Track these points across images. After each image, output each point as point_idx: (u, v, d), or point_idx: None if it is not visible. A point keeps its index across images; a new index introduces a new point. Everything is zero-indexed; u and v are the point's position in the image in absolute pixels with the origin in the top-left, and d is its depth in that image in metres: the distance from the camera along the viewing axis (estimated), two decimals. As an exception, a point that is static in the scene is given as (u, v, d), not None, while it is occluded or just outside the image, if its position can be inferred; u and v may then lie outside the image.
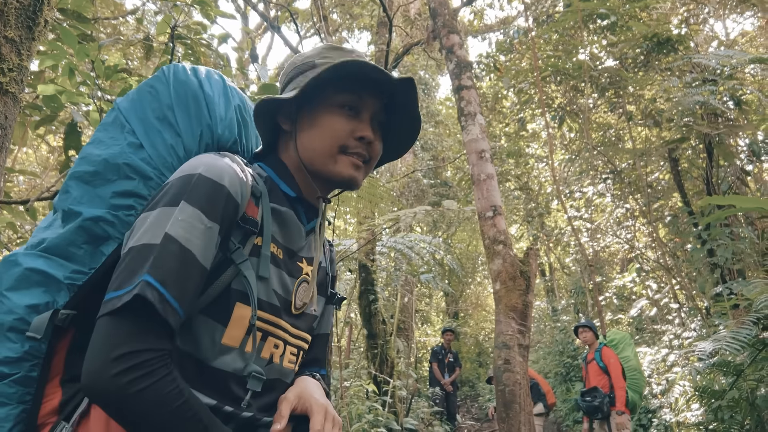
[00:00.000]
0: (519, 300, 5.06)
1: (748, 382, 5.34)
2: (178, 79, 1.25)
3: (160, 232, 1.02)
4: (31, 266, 1.10)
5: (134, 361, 0.93)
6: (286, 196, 1.26)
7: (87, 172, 1.16)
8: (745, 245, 7.83)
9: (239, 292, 1.11)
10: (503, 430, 4.85)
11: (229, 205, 1.09)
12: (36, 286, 1.09)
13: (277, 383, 1.24)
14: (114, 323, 0.96)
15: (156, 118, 1.20)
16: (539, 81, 9.63)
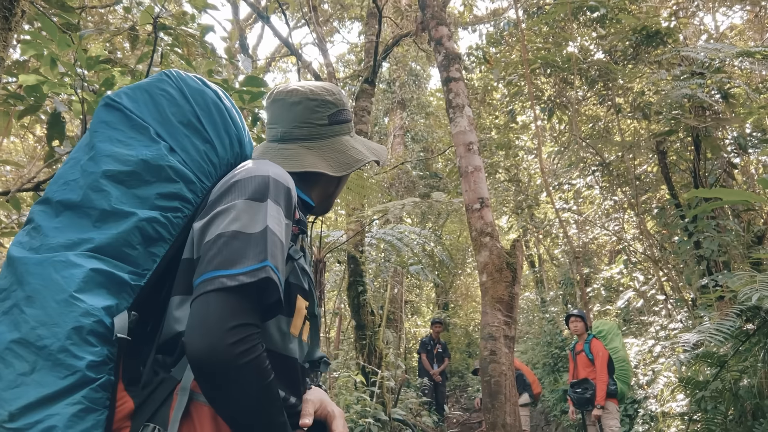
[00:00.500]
0: (505, 292, 5.08)
1: (731, 373, 5.40)
2: (191, 86, 1.29)
3: (260, 223, 1.10)
4: (94, 267, 1.07)
5: (246, 333, 1.01)
6: (305, 204, 1.43)
7: (122, 172, 1.16)
8: (731, 237, 7.89)
9: (297, 285, 1.23)
10: (489, 420, 4.89)
11: (292, 206, 1.23)
12: (101, 288, 1.07)
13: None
14: (227, 298, 1.01)
15: (180, 123, 1.24)
16: (528, 73, 9.64)
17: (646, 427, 7.37)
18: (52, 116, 3.12)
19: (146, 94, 1.25)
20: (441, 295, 20.77)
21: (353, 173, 5.95)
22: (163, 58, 3.21)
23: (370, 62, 8.87)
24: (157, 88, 1.27)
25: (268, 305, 1.09)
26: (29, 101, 3.18)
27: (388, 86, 18.04)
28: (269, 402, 1.04)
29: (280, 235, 1.12)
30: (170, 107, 1.24)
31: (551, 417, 11.46)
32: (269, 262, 1.05)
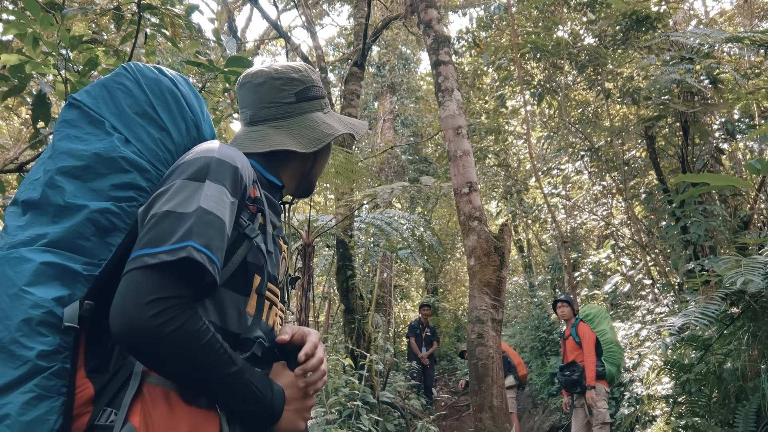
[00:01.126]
0: (493, 275, 5.10)
1: (715, 356, 5.46)
2: (148, 76, 1.31)
3: (193, 203, 1.10)
4: (45, 260, 1.10)
5: (166, 305, 1.02)
6: (271, 184, 1.42)
7: (76, 167, 1.18)
8: (718, 223, 7.95)
9: (254, 264, 1.23)
10: (476, 402, 4.93)
11: (241, 185, 1.22)
12: (54, 280, 1.10)
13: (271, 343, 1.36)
14: (147, 275, 1.04)
15: (135, 114, 1.26)
16: (518, 58, 9.61)
17: (632, 409, 7.45)
18: (37, 97, 3.08)
19: (104, 89, 1.28)
20: (430, 280, 20.84)
21: (342, 157, 5.94)
22: (149, 38, 3.17)
23: (359, 45, 8.81)
24: (114, 82, 1.29)
25: (205, 284, 1.10)
26: (13, 82, 3.14)
27: (378, 70, 17.96)
28: (210, 360, 1.06)
29: (218, 214, 1.11)
30: (126, 99, 1.27)
31: (538, 400, 11.57)
32: (193, 242, 1.05)
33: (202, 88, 2.82)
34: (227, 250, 1.16)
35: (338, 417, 6.36)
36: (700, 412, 5.40)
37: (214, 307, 1.17)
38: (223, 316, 1.18)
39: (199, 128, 1.36)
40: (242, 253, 1.21)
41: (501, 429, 4.79)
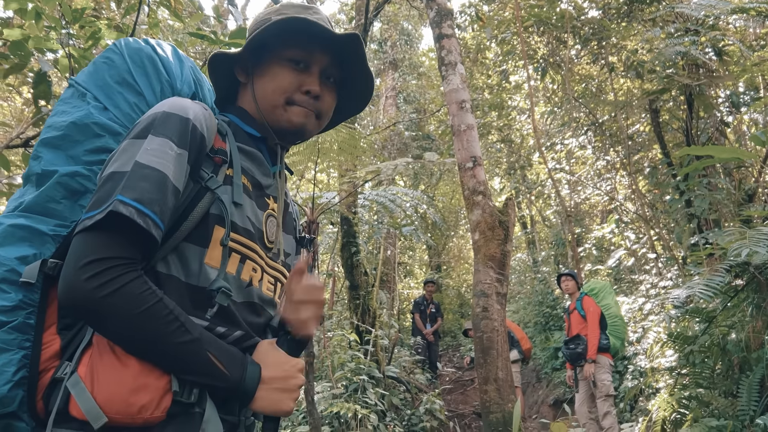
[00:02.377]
0: (497, 249, 5.11)
1: (719, 328, 5.48)
2: (131, 47, 1.36)
3: (130, 160, 1.10)
4: (13, 223, 1.16)
5: (102, 267, 1.01)
6: (251, 136, 1.36)
7: (55, 137, 1.24)
8: (722, 196, 7.92)
9: (216, 216, 1.19)
10: (481, 375, 4.96)
11: (195, 135, 1.18)
12: (21, 241, 1.15)
13: (261, 309, 1.31)
14: (84, 238, 1.04)
15: (115, 83, 1.30)
16: (521, 31, 9.52)
17: (635, 382, 7.51)
18: (38, 75, 3.07)
19: (93, 65, 1.34)
20: (434, 257, 20.89)
21: (346, 134, 5.91)
22: (150, 12, 3.15)
23: (361, 20, 8.73)
24: (102, 57, 1.35)
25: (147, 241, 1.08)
26: (14, 60, 3.12)
27: (380, 46, 17.82)
28: (154, 327, 1.03)
29: (156, 166, 1.09)
30: (108, 71, 1.31)
31: (542, 374, 11.64)
32: (120, 196, 1.04)
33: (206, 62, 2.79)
34: (188, 204, 1.16)
35: (344, 391, 6.43)
36: (704, 383, 5.43)
37: (178, 261, 1.15)
38: (186, 270, 1.15)
39: (174, 88, 1.37)
40: (204, 206, 1.18)
41: (506, 401, 4.83)
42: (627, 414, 7.64)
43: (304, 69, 1.33)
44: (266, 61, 1.34)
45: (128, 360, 1.05)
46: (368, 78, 1.44)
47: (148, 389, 1.04)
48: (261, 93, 1.34)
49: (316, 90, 1.33)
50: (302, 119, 1.33)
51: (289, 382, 1.18)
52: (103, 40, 2.75)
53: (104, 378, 1.04)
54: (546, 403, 10.25)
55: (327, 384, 6.62)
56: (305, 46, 1.32)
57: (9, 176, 3.92)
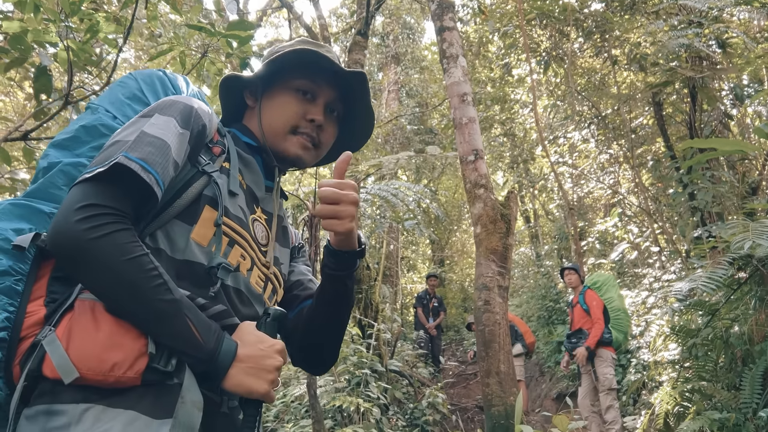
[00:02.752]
0: (499, 243, 5.10)
1: (722, 321, 5.46)
2: (144, 72, 1.47)
3: (136, 131, 1.17)
4: (13, 202, 1.21)
5: (95, 212, 1.04)
6: (248, 145, 1.43)
7: (64, 139, 1.30)
8: (726, 188, 7.89)
9: (209, 197, 1.24)
10: (483, 368, 4.96)
11: (197, 121, 1.26)
12: (20, 218, 1.20)
13: (247, 300, 1.31)
14: (82, 187, 1.08)
15: (126, 98, 1.39)
16: (524, 24, 9.48)
17: (638, 375, 7.50)
18: (38, 69, 3.07)
19: (109, 89, 1.43)
20: (437, 252, 20.88)
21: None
22: (150, 4, 3.14)
23: (362, 14, 8.71)
24: (118, 82, 1.44)
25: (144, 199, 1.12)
26: (14, 54, 3.12)
27: (382, 40, 17.77)
28: (136, 278, 1.04)
29: (161, 136, 1.16)
30: (121, 90, 1.40)
31: (545, 368, 11.65)
32: (126, 153, 1.09)
33: (204, 54, 2.79)
34: (183, 185, 1.21)
35: (347, 385, 6.43)
36: (707, 376, 5.42)
37: (165, 237, 1.18)
38: (173, 245, 1.18)
39: None
40: (199, 187, 1.23)
41: (508, 393, 4.82)
42: (630, 407, 7.64)
43: (311, 99, 1.41)
44: (275, 88, 1.42)
45: (105, 320, 1.06)
46: (369, 116, 1.53)
47: (123, 348, 1.05)
48: (267, 118, 1.41)
49: (320, 119, 1.40)
50: (299, 151, 1.40)
51: (264, 361, 1.15)
52: (101, 33, 2.75)
53: (79, 336, 1.05)
54: (549, 396, 10.26)
55: (329, 378, 6.63)
56: (313, 78, 1.40)
57: (11, 170, 3.92)
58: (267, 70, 1.40)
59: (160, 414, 1.06)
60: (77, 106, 3.07)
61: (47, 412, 1.04)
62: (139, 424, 1.04)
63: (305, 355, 1.51)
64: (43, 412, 1.04)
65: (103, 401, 1.04)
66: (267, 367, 1.15)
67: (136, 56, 15.19)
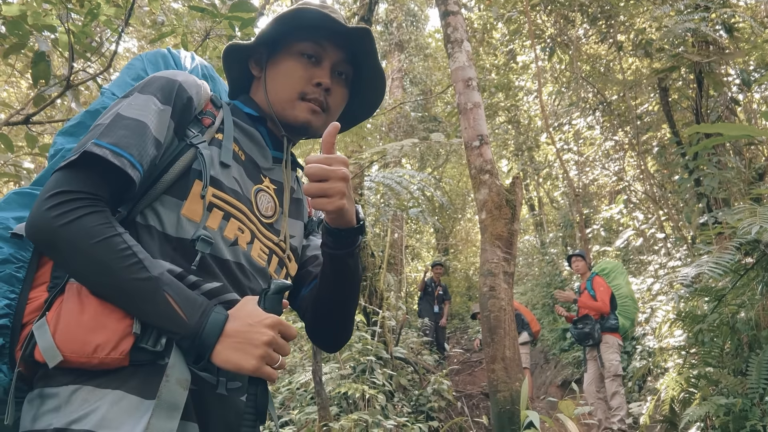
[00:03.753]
0: (504, 228, 5.07)
1: (729, 307, 5.43)
2: (150, 53, 1.48)
3: (113, 114, 1.16)
4: (17, 191, 1.24)
5: (63, 198, 1.05)
6: (249, 116, 1.39)
7: (71, 126, 1.32)
8: (732, 174, 7.84)
9: (197, 171, 1.20)
10: (488, 354, 4.95)
11: (181, 95, 1.23)
12: (23, 207, 1.22)
13: (250, 273, 1.28)
14: (55, 176, 1.09)
15: (132, 79, 1.40)
16: (528, 10, 9.41)
17: (644, 362, 7.49)
18: (36, 55, 3.04)
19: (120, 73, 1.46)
20: (441, 240, 20.86)
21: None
22: (151, -13, 3.10)
23: (366, 0, 8.65)
24: (127, 65, 1.46)
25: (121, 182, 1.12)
26: (12, 40, 3.09)
27: (386, 27, 17.67)
28: (108, 259, 1.03)
29: (136, 117, 1.15)
30: (128, 72, 1.43)
31: (550, 355, 11.66)
32: (96, 140, 1.09)
33: (207, 35, 2.76)
34: (171, 159, 1.20)
35: (352, 372, 6.44)
36: (713, 362, 5.40)
37: (155, 213, 1.17)
38: (163, 221, 1.17)
39: None
40: (186, 160, 1.20)
41: (514, 379, 4.81)
42: (635, 394, 7.64)
43: (316, 63, 1.35)
44: (279, 55, 1.36)
45: (90, 302, 1.06)
46: (379, 77, 1.45)
47: (106, 329, 1.04)
48: (272, 86, 1.36)
49: (327, 82, 1.33)
50: (307, 116, 1.34)
51: (251, 336, 1.08)
52: (102, 16, 2.72)
53: (65, 319, 1.05)
54: (554, 383, 10.27)
55: (335, 365, 6.64)
56: (317, 39, 1.34)
57: (15, 158, 3.90)
58: (269, 35, 1.34)
59: (147, 393, 1.05)
60: (76, 91, 3.05)
61: (40, 395, 1.06)
62: (126, 403, 1.03)
63: (316, 333, 1.48)
64: (37, 396, 1.06)
65: (91, 382, 1.04)
66: (254, 342, 1.08)
67: (139, 46, 15.13)
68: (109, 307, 1.05)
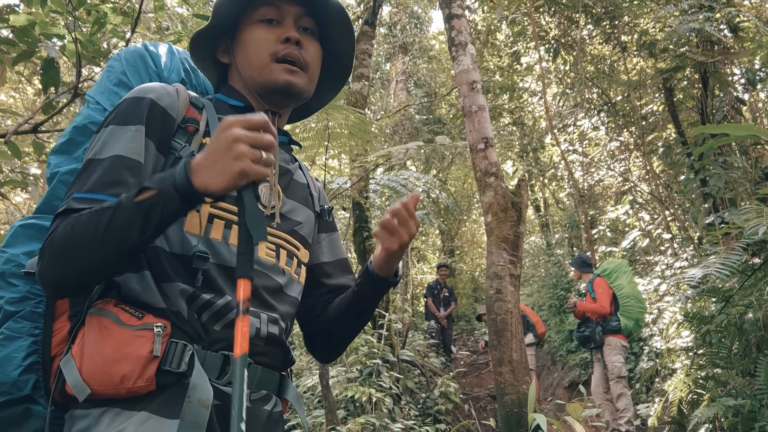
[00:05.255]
0: (510, 231, 5.07)
1: (736, 308, 5.41)
2: (128, 51, 1.46)
3: (86, 157, 1.17)
4: (23, 224, 1.26)
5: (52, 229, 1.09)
6: (234, 107, 1.34)
7: (62, 144, 1.32)
8: (738, 174, 7.82)
9: None
10: (495, 357, 4.95)
11: (154, 110, 1.20)
12: (30, 239, 1.24)
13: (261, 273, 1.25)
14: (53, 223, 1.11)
15: (113, 85, 1.38)
16: (532, 11, 9.41)
17: (651, 363, 7.46)
18: (45, 62, 3.06)
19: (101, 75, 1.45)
20: (447, 242, 20.83)
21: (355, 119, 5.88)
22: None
23: (369, 3, 8.67)
24: (107, 66, 1.45)
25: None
26: (21, 47, 3.11)
27: (389, 30, 17.68)
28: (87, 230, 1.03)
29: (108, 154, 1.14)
30: (108, 76, 1.40)
31: (557, 357, 11.64)
32: (76, 194, 1.11)
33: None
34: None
35: (359, 375, 6.44)
36: (721, 363, 5.38)
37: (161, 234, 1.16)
38: (169, 240, 1.16)
39: (161, 77, 1.42)
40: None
41: (521, 382, 4.81)
42: (643, 395, 7.61)
43: (278, 24, 1.31)
44: (240, 32, 1.33)
45: (109, 333, 1.07)
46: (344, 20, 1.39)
47: (129, 359, 1.04)
48: (243, 61, 1.32)
49: (295, 35, 1.29)
50: (286, 76, 1.28)
51: (216, 148, 1.03)
52: (109, 25, 2.74)
53: (89, 352, 1.06)
54: (561, 385, 10.25)
55: (341, 368, 6.64)
56: (271, 1, 1.31)
57: (23, 165, 3.93)
58: (222, 17, 1.32)
59: (171, 413, 1.06)
60: (84, 99, 3.07)
61: (71, 416, 1.10)
62: (151, 424, 1.05)
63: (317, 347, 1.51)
64: (69, 417, 1.11)
65: (119, 404, 1.06)
66: (219, 151, 1.03)
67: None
68: (129, 336, 1.06)
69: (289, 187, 1.40)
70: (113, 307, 1.10)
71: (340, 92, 1.64)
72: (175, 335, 1.11)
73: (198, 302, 1.14)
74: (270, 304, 1.25)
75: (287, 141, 1.44)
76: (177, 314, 1.13)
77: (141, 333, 1.07)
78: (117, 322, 1.08)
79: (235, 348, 0.99)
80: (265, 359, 1.23)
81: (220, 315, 1.16)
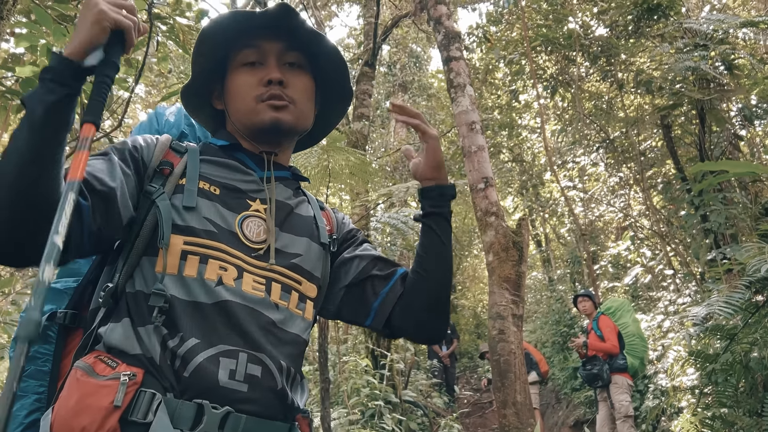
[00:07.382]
0: (512, 271, 5.07)
1: (741, 346, 5.37)
2: (149, 113, 1.63)
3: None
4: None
5: None
6: (222, 148, 1.37)
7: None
8: (738, 210, 7.84)
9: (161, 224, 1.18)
10: (499, 399, 4.90)
11: (125, 146, 1.24)
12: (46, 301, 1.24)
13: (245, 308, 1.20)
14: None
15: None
16: (530, 51, 9.55)
17: (657, 401, 7.37)
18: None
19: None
20: (448, 278, 20.74)
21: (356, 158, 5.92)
22: (160, 45, 3.18)
23: (369, 45, 8.81)
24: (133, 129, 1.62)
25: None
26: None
27: (389, 69, 17.92)
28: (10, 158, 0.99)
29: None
30: (132, 132, 1.55)
31: (561, 395, 11.49)
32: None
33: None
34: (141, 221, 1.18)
35: (361, 417, 6.36)
36: (728, 402, 5.32)
37: (139, 276, 1.17)
38: (145, 283, 1.15)
39: (160, 133, 1.46)
40: (152, 218, 1.19)
41: (525, 424, 4.75)
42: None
43: (260, 66, 1.33)
44: (228, 78, 1.36)
45: (77, 385, 1.05)
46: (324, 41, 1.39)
47: (89, 410, 1.01)
48: (233, 107, 1.35)
49: (276, 76, 1.30)
50: (271, 113, 1.30)
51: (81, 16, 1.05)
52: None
53: (58, 405, 1.06)
54: (566, 424, 10.09)
55: (343, 410, 6.56)
56: (249, 42, 1.33)
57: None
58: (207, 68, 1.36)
59: None
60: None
61: None
62: None
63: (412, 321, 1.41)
64: None
65: None
66: (83, 13, 1.05)
67: (147, 91, 15.34)
68: (93, 385, 1.04)
69: (288, 221, 1.36)
70: (92, 359, 1.08)
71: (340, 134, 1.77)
72: (146, 383, 1.07)
73: (168, 345, 1.11)
74: (254, 341, 1.17)
75: (290, 176, 1.44)
76: (151, 360, 1.09)
77: (107, 383, 1.04)
78: (89, 373, 1.05)
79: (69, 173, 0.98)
80: (251, 407, 1.13)
81: (185, 360, 1.11)
